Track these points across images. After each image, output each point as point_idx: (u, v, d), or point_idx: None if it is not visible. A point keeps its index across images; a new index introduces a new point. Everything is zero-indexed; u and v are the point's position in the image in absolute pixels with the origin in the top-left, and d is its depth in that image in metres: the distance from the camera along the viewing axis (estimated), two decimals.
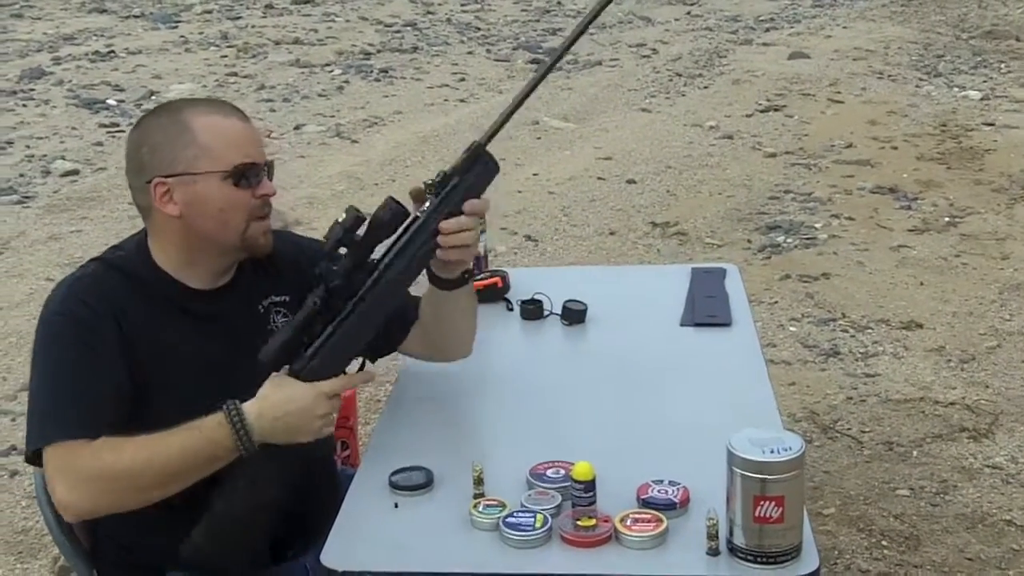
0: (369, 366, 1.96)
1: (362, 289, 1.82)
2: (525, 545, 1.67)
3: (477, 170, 1.85)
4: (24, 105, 7.97)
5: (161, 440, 1.78)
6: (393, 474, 1.86)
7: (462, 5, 11.29)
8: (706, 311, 2.47)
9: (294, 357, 1.82)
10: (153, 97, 8.04)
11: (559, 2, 11.48)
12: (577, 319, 2.45)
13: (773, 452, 1.59)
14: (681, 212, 5.67)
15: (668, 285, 2.63)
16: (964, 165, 6.29)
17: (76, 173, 6.43)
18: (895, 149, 6.61)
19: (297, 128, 7.37)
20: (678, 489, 1.76)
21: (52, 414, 1.82)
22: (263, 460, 1.80)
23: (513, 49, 9.57)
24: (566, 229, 5.50)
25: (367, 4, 11.37)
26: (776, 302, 4.59)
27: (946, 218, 5.51)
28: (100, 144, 7.02)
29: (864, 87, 7.97)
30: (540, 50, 9.42)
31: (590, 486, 1.70)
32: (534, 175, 6.31)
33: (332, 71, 8.87)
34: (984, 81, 8.07)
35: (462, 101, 7.91)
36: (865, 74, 8.31)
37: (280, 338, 1.81)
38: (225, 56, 9.33)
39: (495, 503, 1.75)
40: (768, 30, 10.08)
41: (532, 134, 7.07)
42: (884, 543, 3.10)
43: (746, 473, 1.59)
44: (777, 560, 1.61)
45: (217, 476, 1.81)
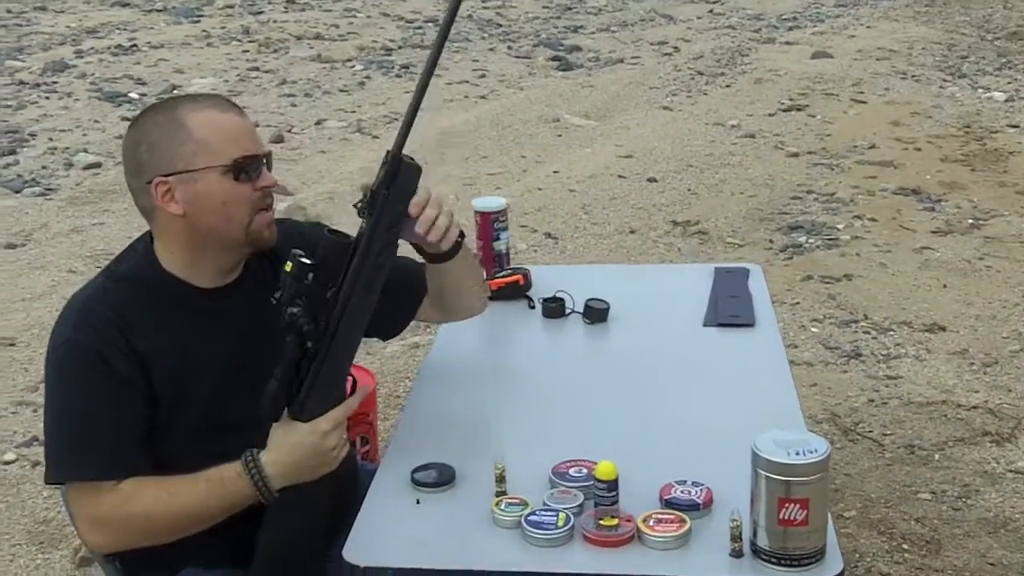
0: (361, 384, 1.93)
1: (332, 323, 1.81)
2: (547, 544, 1.67)
3: (401, 177, 1.85)
4: (47, 98, 8.00)
5: (183, 489, 1.82)
6: (415, 470, 1.86)
7: (483, 2, 11.28)
8: (729, 311, 2.45)
9: (291, 400, 1.83)
10: (175, 91, 8.05)
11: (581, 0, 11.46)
12: (599, 318, 2.44)
13: (798, 454, 1.58)
14: (702, 211, 5.65)
15: (691, 284, 2.62)
16: (988, 167, 6.25)
17: (98, 166, 6.45)
18: (918, 150, 6.57)
19: (318, 123, 7.38)
20: (701, 490, 1.75)
21: (72, 453, 1.85)
22: (287, 499, 1.83)
23: (534, 46, 9.56)
24: (586, 227, 5.49)
25: (388, 0, 11.38)
26: (798, 303, 4.57)
27: (969, 220, 5.47)
28: (122, 137, 7.02)
29: (887, 87, 7.92)
30: (561, 47, 9.41)
31: (613, 485, 1.69)
32: (554, 173, 6.30)
33: (353, 67, 8.88)
34: (1009, 82, 8.02)
35: (482, 98, 7.90)
36: (888, 74, 8.27)
37: (271, 393, 1.81)
38: (247, 51, 9.35)
39: (517, 501, 1.75)
40: (791, 29, 10.04)
41: (553, 131, 7.05)
42: (905, 547, 3.09)
43: (771, 475, 1.58)
44: (801, 563, 1.60)
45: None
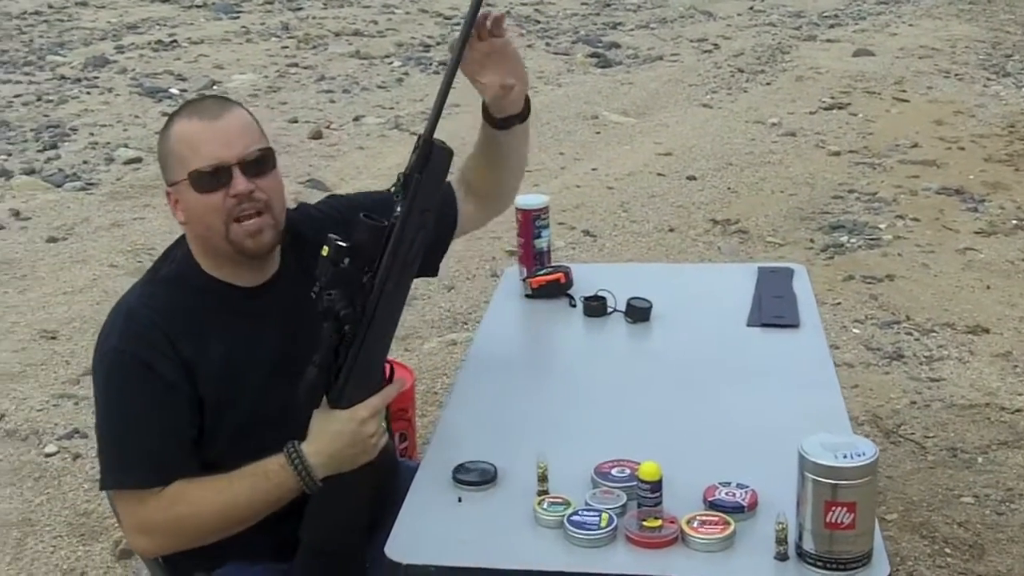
0: (397, 376, 1.94)
1: (368, 307, 1.81)
2: (590, 544, 1.66)
3: (433, 160, 1.83)
4: (88, 93, 8.07)
5: (227, 487, 1.83)
6: (457, 469, 1.85)
7: None
8: (773, 312, 2.43)
9: (328, 388, 1.83)
10: (215, 87, 8.12)
11: None
12: (641, 317, 2.42)
13: (846, 457, 1.56)
14: (742, 210, 5.61)
15: (734, 284, 2.60)
16: None
17: (139, 161, 6.50)
18: (962, 150, 6.51)
19: (356, 120, 7.39)
20: (746, 492, 1.73)
21: (120, 461, 1.87)
22: (329, 490, 1.84)
23: (572, 43, 9.54)
24: (625, 225, 5.46)
25: None
26: (839, 303, 4.53)
27: (1014, 221, 5.40)
28: None
29: (930, 86, 7.85)
30: (600, 44, 9.38)
31: (656, 486, 1.68)
32: (593, 170, 6.28)
33: (392, 63, 8.89)
34: None
35: None
36: (931, 73, 8.19)
37: (310, 380, 1.81)
38: (286, 47, 9.39)
39: (560, 501, 1.74)
40: (832, 26, 9.97)
41: (591, 128, 7.03)
42: (947, 551, 3.05)
43: (818, 478, 1.56)
44: (847, 567, 1.58)
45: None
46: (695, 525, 1.66)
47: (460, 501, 1.81)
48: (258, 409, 1.89)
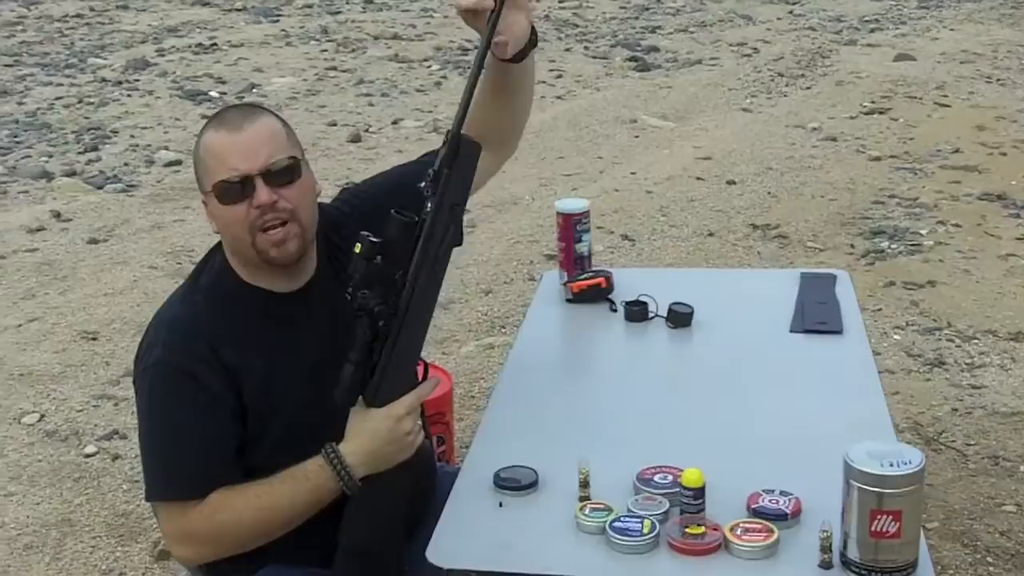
0: (432, 376, 1.94)
1: (401, 303, 1.81)
2: (632, 551, 1.65)
3: (462, 155, 1.85)
4: (129, 95, 8.14)
5: (268, 493, 1.84)
6: (498, 473, 1.85)
7: (560, 2, 11.25)
8: (816, 318, 2.41)
9: (364, 386, 1.83)
10: (254, 90, 8.16)
11: (658, 0, 11.39)
12: (683, 322, 2.41)
13: (892, 465, 1.55)
14: (782, 215, 5.58)
15: (776, 290, 2.58)
16: None
17: (179, 163, 6.54)
18: (1004, 155, 6.44)
19: (395, 123, 7.41)
20: (790, 500, 1.72)
21: (165, 473, 1.89)
22: (367, 491, 1.84)
23: (611, 47, 9.52)
24: (664, 229, 5.44)
25: None
26: (880, 309, 4.49)
27: None
28: None
29: (972, 91, 7.77)
30: (639, 48, 9.35)
31: (699, 493, 1.67)
32: (631, 174, 6.26)
33: (430, 66, 8.91)
34: None
35: (559, 98, 7.87)
36: (973, 77, 8.11)
37: (347, 379, 1.81)
38: (325, 50, 9.43)
39: (601, 507, 1.73)
40: (873, 31, 9.89)
41: (630, 132, 7.01)
42: (989, 559, 3.02)
43: (863, 486, 1.55)
44: (892, 575, 1.57)
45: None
46: (738, 532, 1.65)
47: (501, 506, 1.80)
48: (300, 415, 1.90)
